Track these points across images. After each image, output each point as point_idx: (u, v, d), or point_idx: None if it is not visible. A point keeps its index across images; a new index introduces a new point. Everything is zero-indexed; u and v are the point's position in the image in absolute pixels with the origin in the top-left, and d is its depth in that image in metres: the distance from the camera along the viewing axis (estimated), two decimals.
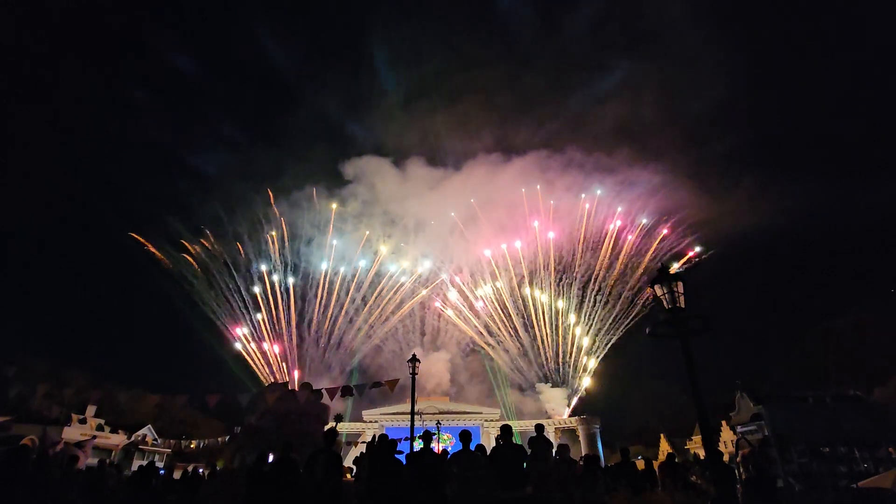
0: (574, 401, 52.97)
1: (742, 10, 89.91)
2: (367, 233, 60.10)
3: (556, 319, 56.05)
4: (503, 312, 57.24)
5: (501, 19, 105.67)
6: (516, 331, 56.54)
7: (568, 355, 54.66)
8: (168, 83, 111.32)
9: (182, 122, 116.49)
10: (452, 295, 58.84)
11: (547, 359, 55.10)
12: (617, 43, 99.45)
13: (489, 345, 57.23)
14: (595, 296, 55.76)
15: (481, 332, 57.49)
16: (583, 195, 59.42)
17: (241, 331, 55.00)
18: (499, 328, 56.90)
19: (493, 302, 57.69)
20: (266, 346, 55.11)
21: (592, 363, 54.15)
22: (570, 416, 50.38)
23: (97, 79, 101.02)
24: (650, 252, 56.57)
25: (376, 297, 58.15)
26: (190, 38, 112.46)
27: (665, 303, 6.64)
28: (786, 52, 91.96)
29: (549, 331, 55.79)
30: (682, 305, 6.58)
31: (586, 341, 54.70)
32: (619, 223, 58.01)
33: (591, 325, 55.22)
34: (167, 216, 57.50)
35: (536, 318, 56.41)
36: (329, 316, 56.86)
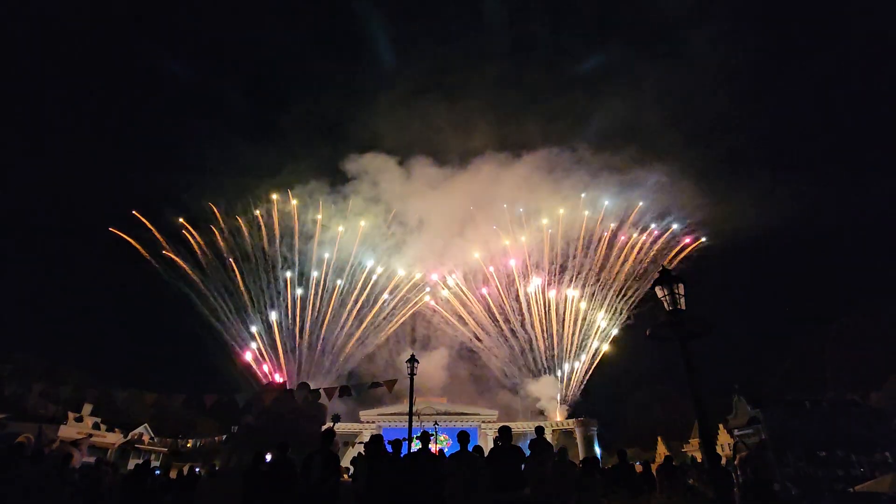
0: (569, 390, 53.03)
1: (748, 10, 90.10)
2: (368, 231, 60.09)
3: (553, 313, 56.15)
4: (500, 310, 57.39)
5: (505, 14, 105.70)
6: (512, 331, 56.68)
7: (567, 343, 54.77)
8: (165, 78, 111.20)
9: (180, 117, 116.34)
10: (448, 294, 58.91)
11: (542, 355, 55.21)
12: (623, 40, 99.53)
13: (486, 347, 57.33)
14: (584, 297, 55.98)
15: (476, 333, 57.59)
16: (583, 194, 59.46)
17: (238, 329, 54.88)
18: (493, 327, 57.02)
19: (489, 300, 57.83)
20: (263, 345, 54.99)
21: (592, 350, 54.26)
22: (567, 418, 50.40)
23: (92, 72, 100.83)
24: (651, 251, 56.77)
25: (373, 299, 58.09)
26: (189, 31, 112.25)
27: (666, 304, 6.63)
28: (791, 52, 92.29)
29: (546, 325, 55.91)
30: (683, 307, 6.57)
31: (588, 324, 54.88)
32: (617, 223, 58.22)
33: (591, 317, 55.40)
34: (164, 213, 57.06)
35: (531, 312, 56.54)
36: (325, 317, 56.72)
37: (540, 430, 8.90)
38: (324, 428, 22.56)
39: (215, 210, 57.60)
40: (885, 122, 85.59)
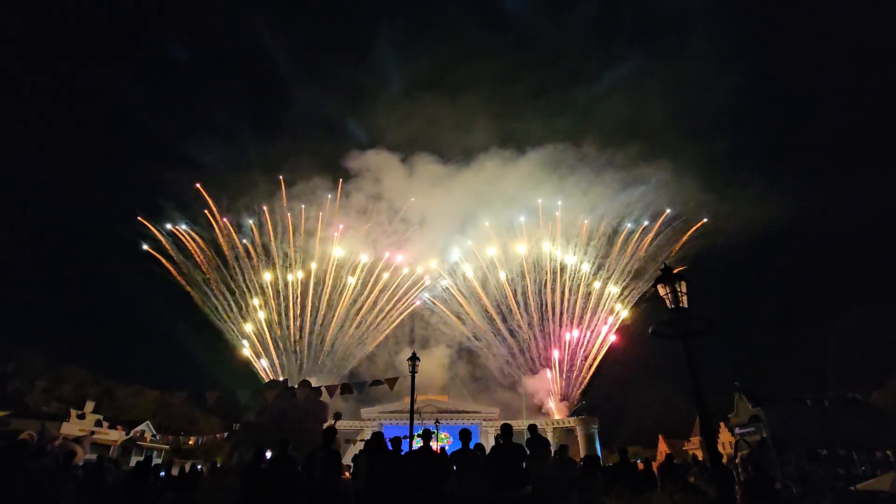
0: (570, 388, 53.02)
1: (753, 7, 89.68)
2: (370, 229, 60.13)
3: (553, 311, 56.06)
4: (499, 308, 57.40)
5: (507, 9, 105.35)
6: (510, 331, 56.70)
7: (567, 340, 54.68)
8: (167, 74, 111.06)
9: (181, 113, 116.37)
10: (450, 292, 58.92)
11: (542, 352, 55.18)
12: (626, 37, 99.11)
13: (485, 344, 57.35)
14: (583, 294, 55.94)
15: (475, 332, 57.59)
16: (586, 191, 59.30)
17: (239, 326, 54.94)
18: (492, 325, 57.03)
19: (487, 298, 57.86)
20: (264, 342, 55.03)
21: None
22: (568, 416, 50.40)
23: (94, 68, 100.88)
24: (652, 249, 56.65)
25: (375, 296, 58.09)
26: (192, 27, 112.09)
27: (668, 302, 6.61)
28: (794, 49, 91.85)
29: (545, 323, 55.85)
30: (686, 305, 6.55)
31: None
32: (619, 219, 58.12)
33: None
34: (165, 209, 57.09)
35: (531, 311, 56.52)
36: (326, 315, 56.70)
37: (533, 429, 8.92)
38: (325, 426, 22.61)
39: (215, 207, 57.70)
40: (888, 120, 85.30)
